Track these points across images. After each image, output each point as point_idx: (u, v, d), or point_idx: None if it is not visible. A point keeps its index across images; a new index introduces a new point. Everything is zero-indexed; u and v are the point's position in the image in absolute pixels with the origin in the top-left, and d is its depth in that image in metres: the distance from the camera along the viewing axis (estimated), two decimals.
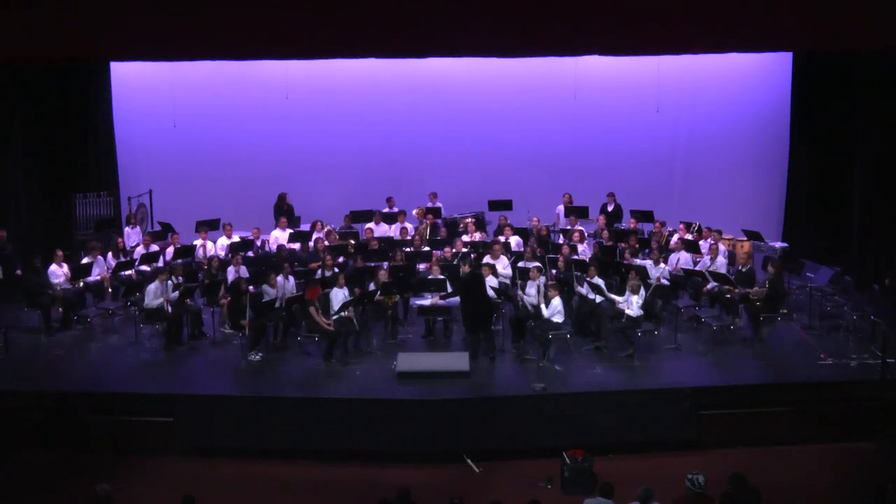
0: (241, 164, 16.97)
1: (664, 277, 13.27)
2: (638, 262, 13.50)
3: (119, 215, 16.26)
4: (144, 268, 14.07)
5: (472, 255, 13.82)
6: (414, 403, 10.93)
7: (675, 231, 15.09)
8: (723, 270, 13.31)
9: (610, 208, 15.98)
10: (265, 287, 12.68)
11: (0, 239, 13.86)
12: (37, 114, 15.46)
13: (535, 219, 15.40)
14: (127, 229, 15.48)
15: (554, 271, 13.37)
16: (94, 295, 13.76)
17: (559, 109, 16.90)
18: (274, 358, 12.15)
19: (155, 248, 14.52)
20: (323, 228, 14.93)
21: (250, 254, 14.50)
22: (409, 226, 15.35)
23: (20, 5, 9.96)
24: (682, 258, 13.88)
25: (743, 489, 8.45)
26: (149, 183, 16.63)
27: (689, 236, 14.63)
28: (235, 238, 14.75)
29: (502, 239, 14.36)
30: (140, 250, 14.37)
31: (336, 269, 13.25)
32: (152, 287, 12.51)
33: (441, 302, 12.59)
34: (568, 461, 10.20)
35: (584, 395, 11.07)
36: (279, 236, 14.97)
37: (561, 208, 16.06)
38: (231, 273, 13.30)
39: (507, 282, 13.22)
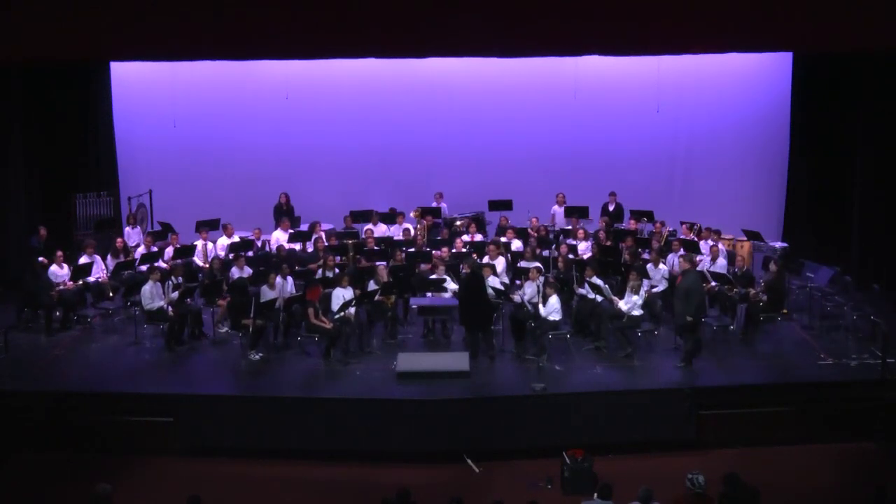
0: (241, 164, 16.95)
1: (664, 277, 13.26)
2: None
3: (119, 215, 16.27)
4: (145, 268, 14.05)
5: (473, 256, 13.80)
6: (414, 403, 10.93)
7: (674, 231, 15.08)
8: (722, 271, 13.29)
9: (611, 208, 15.97)
10: (264, 288, 12.67)
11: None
12: (37, 114, 15.47)
13: (534, 219, 15.39)
14: (127, 229, 15.47)
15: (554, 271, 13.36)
16: (94, 295, 13.76)
17: (559, 109, 16.87)
18: (274, 358, 12.15)
19: (154, 249, 14.50)
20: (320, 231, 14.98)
21: (250, 254, 14.50)
22: (410, 226, 15.35)
23: (20, 5, 9.97)
24: (679, 259, 13.83)
25: (739, 489, 8.43)
26: (149, 183, 16.62)
27: (691, 237, 14.63)
28: (236, 238, 14.75)
29: (503, 240, 14.34)
30: (141, 250, 14.36)
31: (337, 270, 13.25)
32: (147, 288, 12.48)
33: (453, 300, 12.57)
34: (568, 461, 10.19)
35: (584, 395, 11.07)
36: (280, 237, 14.97)
37: (556, 208, 16.07)
38: (234, 273, 13.29)
39: (506, 281, 13.20)
